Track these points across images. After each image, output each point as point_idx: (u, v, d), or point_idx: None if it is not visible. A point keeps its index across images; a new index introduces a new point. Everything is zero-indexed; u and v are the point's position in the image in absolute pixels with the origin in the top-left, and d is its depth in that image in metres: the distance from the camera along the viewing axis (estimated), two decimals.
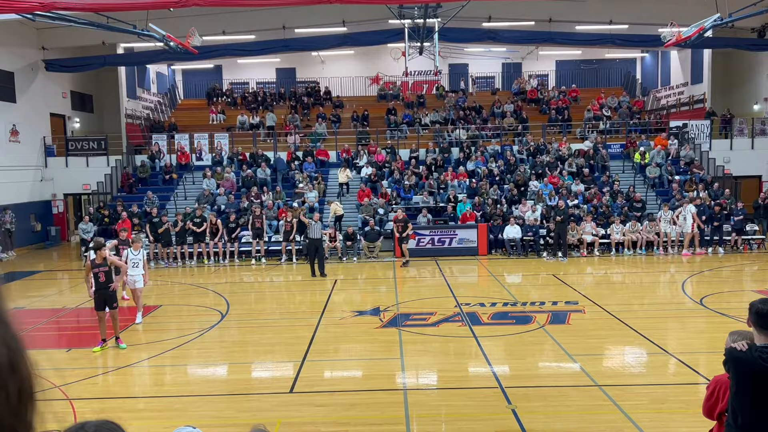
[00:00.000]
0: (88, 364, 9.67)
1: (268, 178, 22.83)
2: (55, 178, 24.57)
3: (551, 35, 24.79)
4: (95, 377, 9.04)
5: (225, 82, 33.74)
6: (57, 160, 24.74)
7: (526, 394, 7.84)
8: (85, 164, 24.55)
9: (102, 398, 8.34)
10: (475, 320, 11.44)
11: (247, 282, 16.94)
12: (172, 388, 8.64)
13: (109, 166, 24.29)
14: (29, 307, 13.63)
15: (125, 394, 8.58)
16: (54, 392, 8.37)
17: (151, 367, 9.52)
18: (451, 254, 19.06)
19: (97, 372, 9.29)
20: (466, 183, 22.22)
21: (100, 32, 20.68)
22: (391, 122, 27.12)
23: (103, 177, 23.92)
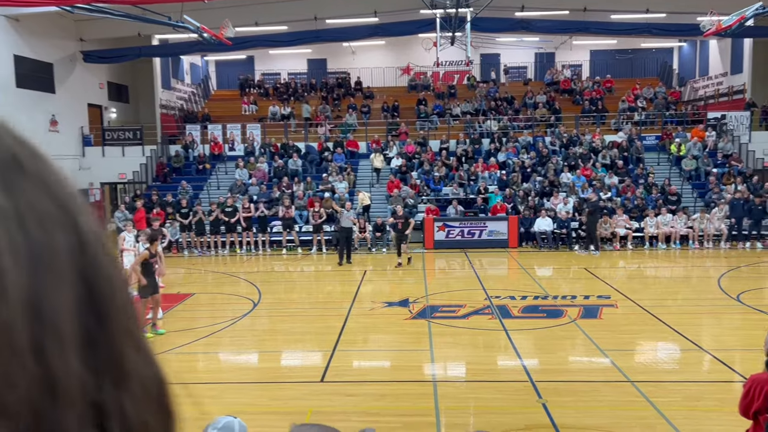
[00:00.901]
0: None
1: (299, 168, 23.00)
2: (92, 167, 25.10)
3: (586, 25, 24.36)
4: None
5: (257, 72, 34.00)
6: (94, 150, 25.28)
7: (557, 388, 7.80)
8: (121, 154, 25.03)
9: None
10: (506, 313, 11.40)
11: (278, 271, 17.15)
12: (205, 375, 8.82)
13: (144, 156, 24.75)
14: None
15: None
16: None
17: (185, 354, 9.73)
18: (480, 246, 18.99)
19: None
20: (497, 174, 22.06)
21: (136, 24, 21.00)
22: (421, 113, 27.04)
23: (139, 166, 24.40)
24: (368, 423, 6.93)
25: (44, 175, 0.43)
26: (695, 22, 20.10)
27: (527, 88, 28.78)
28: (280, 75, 33.78)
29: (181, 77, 31.72)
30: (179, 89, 31.10)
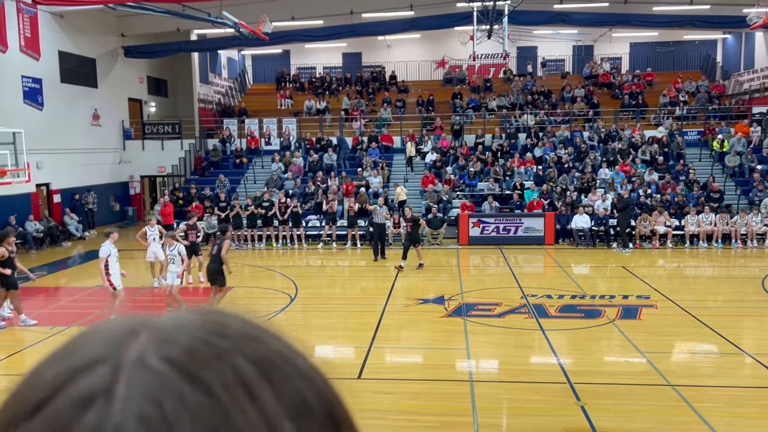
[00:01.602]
0: None
1: (334, 163, 23.13)
2: (132, 161, 25.69)
3: (626, 17, 23.86)
4: None
5: (292, 67, 34.22)
6: (134, 143, 25.84)
7: (596, 390, 7.73)
8: (161, 147, 25.53)
9: None
10: (542, 312, 11.32)
11: (313, 266, 17.29)
12: None
13: (182, 150, 25.20)
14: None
15: None
16: None
17: None
18: (516, 243, 18.83)
19: None
20: (533, 170, 21.83)
21: (176, 19, 21.34)
22: (456, 107, 26.89)
23: (177, 160, 24.86)
24: (405, 422, 6.98)
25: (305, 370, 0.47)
26: (741, 14, 19.51)
27: (565, 82, 28.35)
28: (315, 69, 33.94)
29: (218, 72, 32.15)
30: (217, 83, 31.53)
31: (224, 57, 32.89)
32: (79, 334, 0.44)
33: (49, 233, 20.17)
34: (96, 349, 0.42)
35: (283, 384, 0.43)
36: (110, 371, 0.40)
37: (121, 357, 0.41)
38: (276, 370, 0.44)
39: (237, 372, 0.41)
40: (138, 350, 0.41)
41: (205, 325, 0.45)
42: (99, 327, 0.44)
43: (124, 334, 0.43)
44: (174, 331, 0.43)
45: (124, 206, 25.13)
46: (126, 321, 0.45)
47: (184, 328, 0.44)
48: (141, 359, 0.41)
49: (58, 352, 0.43)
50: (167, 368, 0.40)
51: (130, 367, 0.40)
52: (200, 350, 0.42)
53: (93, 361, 0.41)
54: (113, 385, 0.39)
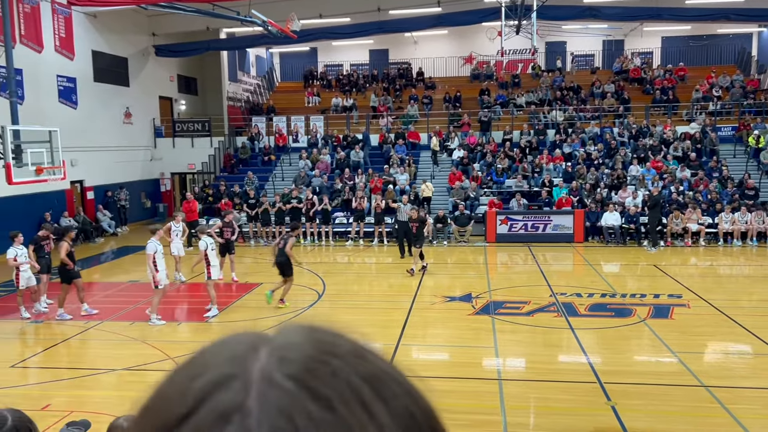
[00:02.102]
0: (199, 337, 10.33)
1: (361, 160, 23.19)
2: (163, 158, 26.09)
3: (658, 11, 23.41)
4: None
5: (320, 64, 34.35)
6: (165, 141, 26.23)
7: (626, 390, 7.64)
8: (191, 145, 25.87)
9: None
10: (572, 311, 11.21)
11: (341, 263, 17.38)
12: None
13: (212, 147, 25.51)
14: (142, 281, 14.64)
15: None
16: (169, 363, 9.03)
17: None
18: (545, 241, 18.66)
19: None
20: (562, 167, 21.59)
21: (205, 18, 21.59)
22: (484, 103, 26.72)
23: (207, 157, 25.18)
24: None
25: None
26: None
27: (594, 77, 27.95)
28: (342, 66, 34.01)
29: (247, 70, 32.44)
30: (245, 81, 31.82)
31: (253, 55, 33.18)
32: (205, 348, 0.49)
33: (83, 229, 20.60)
34: (225, 365, 0.46)
35: (393, 401, 0.46)
36: (242, 387, 0.43)
37: (248, 373, 0.44)
38: (386, 388, 0.47)
39: (354, 390, 0.45)
40: (261, 367, 0.45)
41: (316, 343, 0.48)
42: (222, 343, 0.49)
43: (246, 351, 0.47)
44: (290, 349, 0.47)
45: (155, 203, 25.53)
46: (244, 338, 0.49)
47: (299, 347, 0.48)
48: (268, 376, 0.44)
49: (189, 366, 0.47)
50: (293, 386, 0.43)
51: (259, 383, 0.44)
52: (318, 368, 0.45)
53: (226, 376, 0.44)
54: (246, 400, 0.43)
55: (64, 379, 8.65)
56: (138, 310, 12.00)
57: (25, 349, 10.11)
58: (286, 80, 34.83)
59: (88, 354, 9.87)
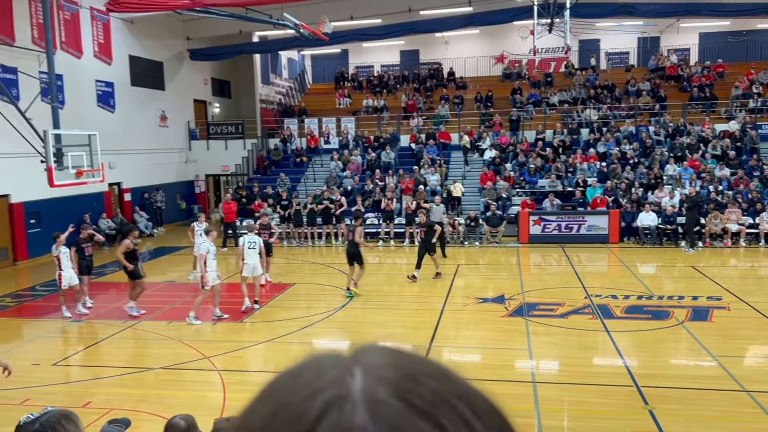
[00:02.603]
0: (233, 338, 10.47)
1: (392, 161, 23.21)
2: (197, 160, 26.52)
3: (696, 7, 22.91)
4: (238, 351, 9.78)
5: (351, 66, 34.50)
6: (199, 143, 26.66)
7: (664, 395, 7.50)
8: (224, 147, 26.25)
9: (244, 371, 9.00)
10: (607, 313, 11.04)
11: (371, 263, 17.39)
12: None
13: (245, 149, 25.83)
14: (178, 281, 14.92)
15: (264, 368, 9.21)
16: (204, 362, 9.18)
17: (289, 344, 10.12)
18: (579, 241, 18.41)
19: (240, 346, 10.03)
20: (597, 166, 21.27)
21: (238, 22, 21.89)
22: (516, 102, 26.50)
23: (240, 159, 25.51)
24: None
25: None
26: None
27: (629, 75, 27.48)
28: (373, 68, 34.10)
29: (279, 72, 32.76)
30: (277, 84, 32.13)
31: (285, 58, 33.49)
32: (300, 369, 0.51)
33: (121, 230, 21.05)
34: (332, 387, 0.48)
35: (487, 418, 0.48)
36: (352, 407, 0.46)
37: (353, 393, 0.47)
38: (479, 406, 0.49)
39: (454, 408, 0.47)
40: (363, 387, 0.47)
41: (404, 364, 0.51)
42: (317, 364, 0.51)
43: (343, 372, 0.49)
44: (383, 369, 0.49)
45: (190, 204, 25.96)
46: (336, 359, 0.51)
47: (390, 367, 0.50)
48: (372, 396, 0.46)
49: (294, 389, 0.49)
50: (400, 404, 0.46)
51: (367, 402, 0.46)
52: (417, 388, 0.47)
53: (336, 397, 0.47)
54: (359, 419, 0.45)
55: (103, 378, 8.86)
56: (174, 309, 12.22)
57: (66, 347, 10.39)
58: (317, 82, 35.07)
59: (126, 353, 10.09)
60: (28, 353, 9.77)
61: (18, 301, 13.60)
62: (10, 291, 14.50)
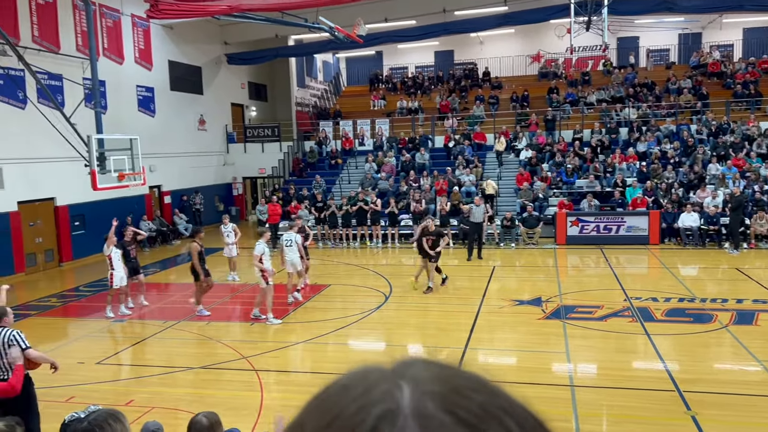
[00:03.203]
0: (270, 338, 10.59)
1: (426, 162, 23.17)
2: (235, 163, 26.93)
3: (739, 2, 22.20)
4: (275, 351, 9.88)
5: (385, 67, 34.57)
6: (236, 146, 27.07)
7: (708, 400, 7.30)
8: (261, 150, 26.58)
9: (281, 371, 9.09)
10: (647, 316, 10.80)
11: (407, 264, 17.38)
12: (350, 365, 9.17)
13: (281, 152, 26.12)
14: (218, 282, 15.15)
15: (300, 369, 9.29)
16: (242, 362, 9.31)
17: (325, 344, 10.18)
18: (618, 242, 18.07)
19: (277, 346, 10.14)
20: (636, 166, 20.84)
21: (274, 26, 22.15)
22: (553, 102, 26.16)
23: (277, 162, 25.81)
24: None
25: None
26: None
27: (670, 73, 26.86)
28: (407, 69, 34.10)
29: (314, 75, 33.03)
30: (313, 87, 32.41)
31: (320, 60, 33.75)
32: (348, 383, 0.52)
33: (161, 232, 21.53)
34: (382, 400, 0.49)
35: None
36: (404, 420, 0.47)
37: (403, 408, 0.48)
38: (525, 421, 0.50)
39: (501, 422, 0.48)
40: (411, 402, 0.48)
41: (449, 378, 0.52)
42: (364, 377, 0.52)
43: (391, 385, 0.50)
44: (429, 383, 0.50)
45: (228, 206, 26.37)
46: (381, 372, 0.53)
47: (436, 381, 0.51)
48: (422, 411, 0.48)
49: (345, 402, 0.50)
50: (450, 419, 0.47)
51: (418, 417, 0.47)
52: (464, 403, 0.49)
53: (387, 411, 0.48)
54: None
55: (145, 377, 9.07)
56: (213, 310, 12.42)
57: (109, 346, 10.65)
58: (352, 84, 35.25)
59: (166, 352, 10.30)
60: (73, 352, 10.06)
61: (63, 301, 14.02)
62: (55, 291, 14.95)
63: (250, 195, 28.30)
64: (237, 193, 27.29)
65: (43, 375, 6.76)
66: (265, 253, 11.28)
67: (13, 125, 16.42)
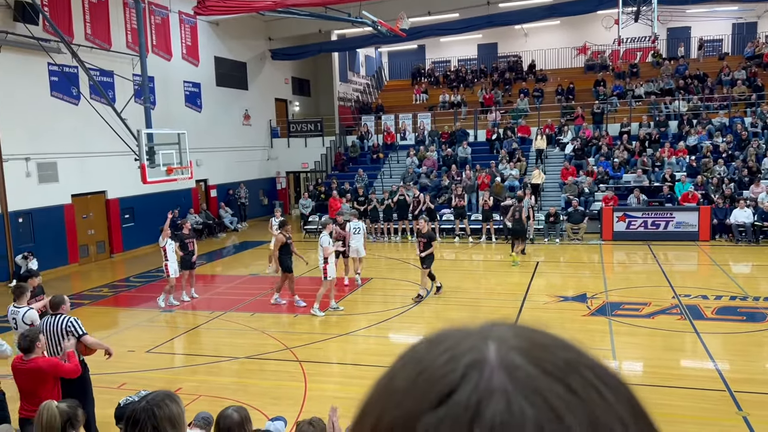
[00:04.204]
0: (313, 329, 10.72)
1: (468, 156, 23.00)
2: (278, 157, 27.28)
3: None
4: (319, 342, 10.00)
5: (427, 61, 34.43)
6: (280, 141, 27.40)
7: (761, 401, 7.07)
8: (304, 144, 26.85)
9: (323, 362, 9.19)
10: (697, 314, 10.51)
11: (448, 259, 17.35)
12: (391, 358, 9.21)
13: (324, 146, 26.32)
14: (261, 275, 15.42)
15: (343, 360, 9.38)
16: (286, 353, 9.45)
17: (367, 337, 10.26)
18: (666, 239, 17.60)
19: (319, 338, 10.25)
20: (686, 160, 20.25)
21: (318, 21, 22.31)
22: (599, 95, 25.61)
23: (319, 156, 26.02)
24: None
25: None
26: None
27: (723, 64, 25.94)
28: (450, 62, 33.88)
29: (356, 70, 33.14)
30: (355, 81, 32.53)
31: (362, 55, 33.84)
32: (437, 339, 0.54)
33: (207, 225, 22.00)
34: (470, 352, 0.51)
35: (617, 390, 0.50)
36: (491, 370, 0.48)
37: (490, 360, 0.50)
38: (609, 379, 0.51)
39: (586, 378, 0.49)
40: (498, 354, 0.50)
41: (536, 336, 0.53)
42: (453, 334, 0.54)
43: (478, 341, 0.52)
44: (515, 339, 0.52)
45: (271, 200, 26.74)
46: (468, 330, 0.54)
47: (522, 338, 0.52)
48: (510, 363, 0.49)
49: (435, 354, 0.52)
50: (536, 370, 0.48)
51: (506, 367, 0.49)
52: (550, 358, 0.50)
53: (476, 361, 0.50)
54: (498, 380, 0.48)
55: (192, 365, 9.30)
56: (258, 302, 12.65)
57: (158, 335, 10.96)
58: (394, 78, 35.23)
59: (213, 342, 10.54)
60: (124, 340, 10.39)
61: (114, 291, 14.49)
62: (107, 282, 15.46)
63: (293, 189, 28.63)
64: (280, 188, 27.64)
65: (96, 361, 7.01)
66: (331, 243, 11.38)
67: (67, 121, 17.00)
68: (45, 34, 15.84)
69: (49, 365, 5.58)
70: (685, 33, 30.78)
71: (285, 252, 12.00)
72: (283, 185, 27.76)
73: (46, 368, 5.52)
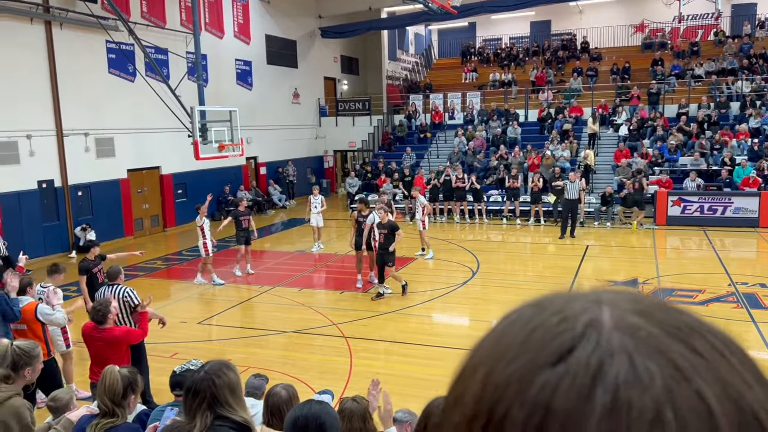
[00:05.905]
0: (359, 306, 10.83)
1: (518, 136, 22.62)
2: (326, 136, 27.43)
3: None
4: (364, 319, 10.10)
5: (478, 39, 33.86)
6: (328, 120, 27.52)
7: None
8: (351, 123, 26.90)
9: (369, 339, 9.29)
10: (755, 303, 10.14)
11: (494, 241, 17.20)
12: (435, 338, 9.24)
13: (371, 126, 26.31)
14: (307, 251, 15.63)
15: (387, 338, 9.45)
16: (332, 329, 9.59)
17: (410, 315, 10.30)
18: (723, 224, 16.99)
19: (365, 315, 10.35)
20: (747, 143, 19.42)
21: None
22: (657, 74, 24.73)
23: (367, 135, 26.04)
24: None
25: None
26: None
27: None
28: (501, 40, 33.25)
29: (406, 48, 32.88)
30: (404, 60, 32.29)
31: (411, 33, 33.52)
32: (548, 301, 0.52)
33: (256, 202, 22.38)
34: (585, 312, 0.49)
35: (737, 354, 0.48)
36: (609, 330, 0.47)
37: (605, 321, 0.48)
38: (728, 342, 0.49)
39: (709, 342, 0.48)
40: (614, 317, 0.49)
41: (650, 302, 0.52)
42: (559, 296, 0.53)
43: (591, 303, 0.50)
44: (630, 303, 0.50)
45: (319, 179, 26.98)
46: (577, 294, 0.53)
47: (636, 302, 0.51)
48: (629, 323, 0.48)
49: (551, 314, 0.51)
50: (658, 330, 0.47)
51: (625, 328, 0.47)
52: (669, 320, 0.49)
53: (592, 320, 0.48)
54: (618, 339, 0.46)
55: (241, 338, 9.54)
56: (305, 278, 12.84)
57: (209, 308, 11.26)
58: (443, 57, 34.80)
59: (261, 315, 10.77)
60: (177, 311, 10.72)
61: (167, 264, 14.94)
62: (160, 255, 15.95)
63: (340, 168, 28.78)
64: (328, 166, 27.82)
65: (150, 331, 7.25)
66: (375, 221, 11.04)
67: (123, 97, 17.47)
68: (103, 12, 16.25)
69: (123, 334, 5.99)
70: (751, 9, 29.32)
71: (359, 232, 11.83)
72: (331, 164, 27.93)
73: (121, 336, 5.92)
